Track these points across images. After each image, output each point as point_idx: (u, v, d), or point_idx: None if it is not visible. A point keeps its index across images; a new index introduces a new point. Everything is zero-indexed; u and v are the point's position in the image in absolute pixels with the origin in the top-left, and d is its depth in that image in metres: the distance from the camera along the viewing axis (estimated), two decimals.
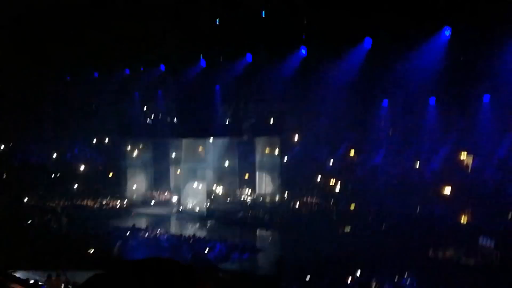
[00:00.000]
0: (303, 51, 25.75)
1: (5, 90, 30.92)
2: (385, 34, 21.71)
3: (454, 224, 21.66)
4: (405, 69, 22.41)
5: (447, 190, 23.41)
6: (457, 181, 23.56)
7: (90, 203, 29.19)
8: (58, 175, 32.00)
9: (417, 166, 25.91)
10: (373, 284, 16.19)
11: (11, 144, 33.23)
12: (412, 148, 26.28)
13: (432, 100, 25.43)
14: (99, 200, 29.72)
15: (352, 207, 24.95)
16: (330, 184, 28.00)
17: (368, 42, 23.27)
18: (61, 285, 16.54)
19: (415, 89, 23.27)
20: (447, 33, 21.65)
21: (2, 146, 33.05)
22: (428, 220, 21.87)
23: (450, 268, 17.67)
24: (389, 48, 22.30)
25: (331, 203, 26.20)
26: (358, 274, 16.96)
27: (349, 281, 16.48)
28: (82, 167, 33.12)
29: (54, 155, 33.49)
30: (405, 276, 16.16)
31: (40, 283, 15.40)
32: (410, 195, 23.57)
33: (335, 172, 28.30)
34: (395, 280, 16.26)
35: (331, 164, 28.97)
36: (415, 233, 20.53)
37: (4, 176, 31.23)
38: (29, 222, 25.28)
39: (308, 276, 16.72)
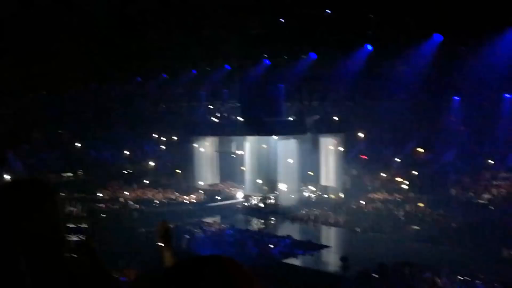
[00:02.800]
0: (369, 47, 25.28)
1: (79, 91, 32.72)
2: (456, 28, 20.93)
3: None
4: (477, 64, 21.52)
5: None
6: None
7: (159, 198, 30.24)
8: (129, 171, 33.44)
9: (492, 163, 24.81)
10: (443, 286, 15.70)
11: (85, 142, 35.02)
12: (486, 146, 25.20)
13: (507, 96, 24.25)
14: (167, 195, 30.75)
15: (421, 205, 24.27)
16: (397, 181, 27.37)
17: (437, 37, 22.51)
18: (133, 276, 17.31)
19: (488, 84, 22.30)
20: None
21: (79, 145, 34.91)
22: (502, 219, 20.89)
23: None
24: (461, 43, 21.51)
25: (399, 201, 25.62)
26: (426, 275, 16.51)
27: (416, 283, 16.07)
28: (151, 164, 34.47)
29: (126, 153, 35.04)
30: (478, 278, 15.55)
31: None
32: (483, 194, 22.64)
33: (403, 170, 27.65)
34: (467, 282, 15.70)
35: (399, 161, 28.32)
36: (488, 233, 19.69)
37: (80, 173, 33.03)
38: (103, 216, 26.61)
39: (373, 276, 16.47)
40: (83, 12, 22.78)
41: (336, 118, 30.66)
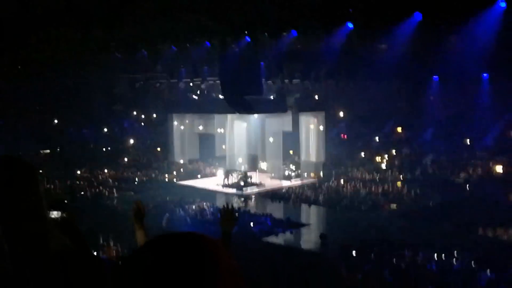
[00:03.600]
0: (350, 25, 25.16)
1: (57, 67, 31.98)
2: (436, 7, 20.91)
3: (505, 202, 21.02)
4: (456, 44, 21.60)
5: (499, 168, 22.72)
6: (510, 159, 22.78)
7: (139, 175, 30.04)
8: (108, 149, 33.10)
9: (469, 143, 25.22)
10: (420, 263, 16.00)
11: (64, 119, 34.47)
12: (463, 126, 25.55)
13: (485, 76, 24.50)
14: (147, 172, 30.57)
15: (399, 184, 24.61)
16: (377, 160, 27.65)
17: (418, 15, 22.49)
18: (113, 253, 17.26)
19: (467, 64, 22.44)
20: (503, 4, 20.62)
21: (56, 121, 34.32)
22: (478, 198, 21.33)
23: (500, 246, 17.23)
24: (440, 22, 21.49)
25: (377, 179, 25.91)
26: (404, 252, 16.79)
27: (394, 260, 16.32)
28: (131, 141, 34.15)
29: (104, 130, 34.61)
30: (454, 255, 15.89)
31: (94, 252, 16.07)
32: (460, 173, 23.03)
33: (381, 149, 27.92)
34: (443, 258, 16.02)
35: (377, 140, 28.58)
36: (464, 211, 20.09)
37: (58, 150, 32.57)
38: (81, 193, 26.37)
39: (353, 253, 16.69)
40: None
41: (317, 97, 30.67)
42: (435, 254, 15.89)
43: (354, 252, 16.61)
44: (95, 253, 16.18)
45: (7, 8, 21.28)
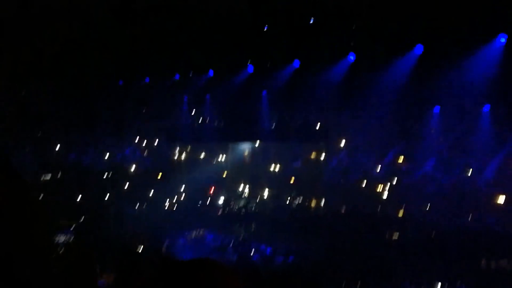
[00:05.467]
0: (351, 57, 25.54)
1: (59, 93, 32.25)
2: (437, 40, 21.28)
3: (507, 235, 20.93)
4: (457, 76, 21.89)
5: (501, 200, 22.69)
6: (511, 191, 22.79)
7: (139, 202, 29.97)
8: (109, 175, 33.07)
9: (469, 175, 25.24)
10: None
11: (64, 145, 34.55)
12: (464, 157, 25.63)
13: (486, 108, 24.74)
14: (148, 199, 30.51)
15: (400, 214, 24.55)
16: (377, 190, 27.63)
17: (419, 48, 22.85)
18: (112, 280, 17.09)
19: (468, 96, 22.70)
20: (502, 40, 21.00)
21: (58, 147, 34.41)
22: (480, 230, 21.26)
23: (503, 279, 17.10)
24: (441, 55, 21.83)
25: (378, 210, 25.86)
26: (406, 283, 16.69)
27: None
28: (132, 168, 34.17)
29: (106, 156, 34.66)
30: (457, 286, 15.78)
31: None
32: (461, 204, 23.00)
33: (382, 179, 27.94)
34: None
35: (378, 171, 28.62)
36: (466, 243, 19.99)
37: (58, 176, 32.52)
38: (81, 220, 26.21)
39: (355, 282, 16.58)
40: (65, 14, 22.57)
41: (318, 126, 30.85)
42: (439, 284, 15.79)
43: (355, 281, 16.49)
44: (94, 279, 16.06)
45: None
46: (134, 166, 34.42)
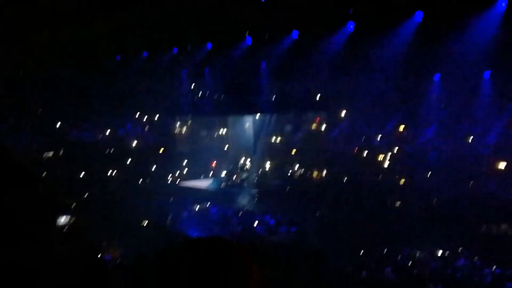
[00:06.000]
0: (351, 26, 25.25)
1: (57, 70, 32.06)
2: (437, 6, 20.99)
3: (508, 200, 21.07)
4: (458, 42, 21.68)
5: (502, 166, 22.77)
6: None
7: (142, 177, 30.16)
8: (111, 151, 33.19)
9: (470, 141, 25.26)
10: (423, 260, 16.10)
11: (66, 122, 34.55)
12: (465, 123, 25.60)
13: (487, 74, 24.59)
14: (151, 174, 30.69)
15: (402, 182, 24.69)
16: (378, 159, 27.72)
17: (418, 15, 22.57)
18: (117, 254, 17.38)
19: (469, 62, 22.52)
20: (503, 4, 20.69)
21: (58, 124, 34.42)
22: (481, 196, 21.39)
23: (504, 244, 17.31)
24: (441, 21, 21.56)
25: (379, 178, 25.99)
26: (407, 250, 16.90)
27: (398, 258, 16.44)
28: (134, 143, 34.28)
29: (107, 132, 34.73)
30: (458, 252, 15.99)
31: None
32: (463, 171, 23.08)
33: (383, 148, 27.99)
34: (446, 255, 16.12)
35: (379, 139, 28.65)
36: (467, 209, 20.15)
37: (61, 153, 32.64)
38: (85, 195, 26.47)
39: (358, 250, 16.81)
40: None
41: (318, 97, 30.75)
42: (439, 252, 15.98)
43: (357, 249, 16.72)
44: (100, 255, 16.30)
45: None
46: (135, 141, 34.52)
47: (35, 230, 1.60)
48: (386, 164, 27.39)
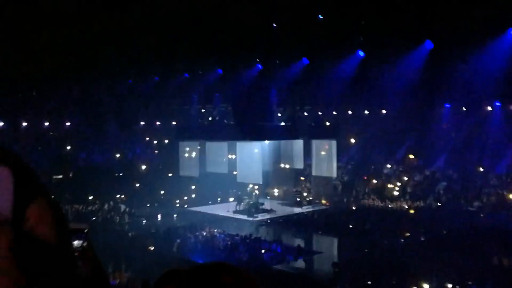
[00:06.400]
0: (361, 53, 25.41)
1: (69, 94, 32.45)
2: (447, 35, 21.06)
3: None
4: (468, 71, 21.69)
5: None
6: None
7: (150, 201, 30.11)
8: (120, 174, 33.26)
9: (481, 170, 25.00)
10: None
11: (75, 144, 34.78)
12: (476, 153, 25.37)
13: (497, 103, 24.49)
14: (159, 198, 30.64)
15: (412, 211, 24.38)
16: (388, 187, 27.48)
17: (429, 44, 22.67)
18: (124, 278, 17.21)
19: (479, 92, 22.47)
20: None
21: (68, 147, 34.66)
22: (492, 227, 21.03)
23: None
24: (451, 50, 21.63)
25: (389, 207, 25.71)
26: (417, 281, 16.56)
27: None
28: (143, 167, 34.34)
29: (117, 155, 34.87)
30: (469, 284, 15.64)
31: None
32: (473, 201, 22.78)
33: (393, 176, 27.78)
34: None
35: (389, 167, 28.45)
36: (478, 240, 19.79)
37: (70, 175, 32.75)
38: (93, 219, 26.43)
39: (366, 282, 16.51)
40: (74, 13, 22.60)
41: (328, 123, 30.75)
42: (450, 285, 15.65)
43: (364, 280, 16.42)
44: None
45: None
46: (144, 166, 34.60)
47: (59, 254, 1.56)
48: (395, 193, 27.13)
